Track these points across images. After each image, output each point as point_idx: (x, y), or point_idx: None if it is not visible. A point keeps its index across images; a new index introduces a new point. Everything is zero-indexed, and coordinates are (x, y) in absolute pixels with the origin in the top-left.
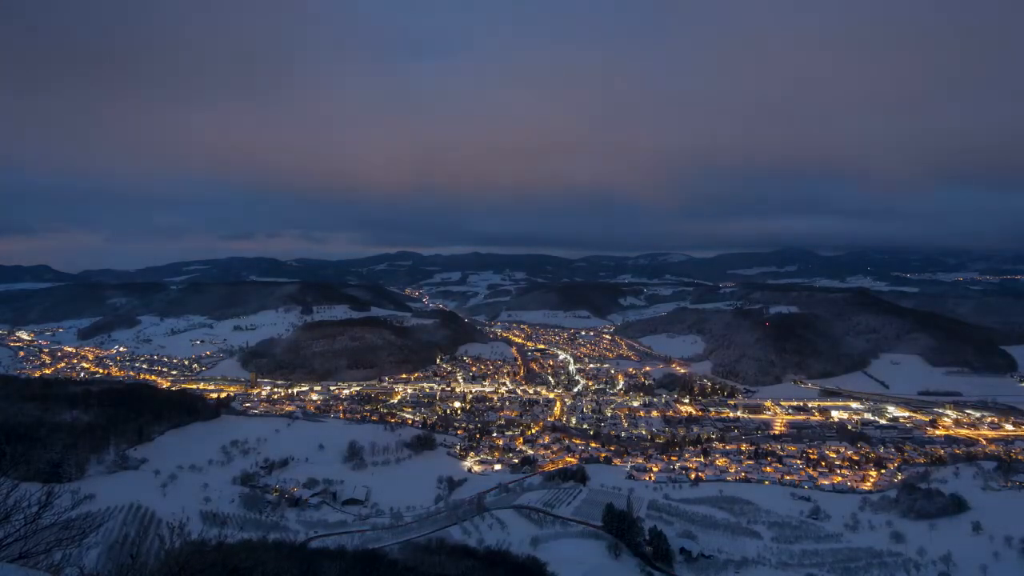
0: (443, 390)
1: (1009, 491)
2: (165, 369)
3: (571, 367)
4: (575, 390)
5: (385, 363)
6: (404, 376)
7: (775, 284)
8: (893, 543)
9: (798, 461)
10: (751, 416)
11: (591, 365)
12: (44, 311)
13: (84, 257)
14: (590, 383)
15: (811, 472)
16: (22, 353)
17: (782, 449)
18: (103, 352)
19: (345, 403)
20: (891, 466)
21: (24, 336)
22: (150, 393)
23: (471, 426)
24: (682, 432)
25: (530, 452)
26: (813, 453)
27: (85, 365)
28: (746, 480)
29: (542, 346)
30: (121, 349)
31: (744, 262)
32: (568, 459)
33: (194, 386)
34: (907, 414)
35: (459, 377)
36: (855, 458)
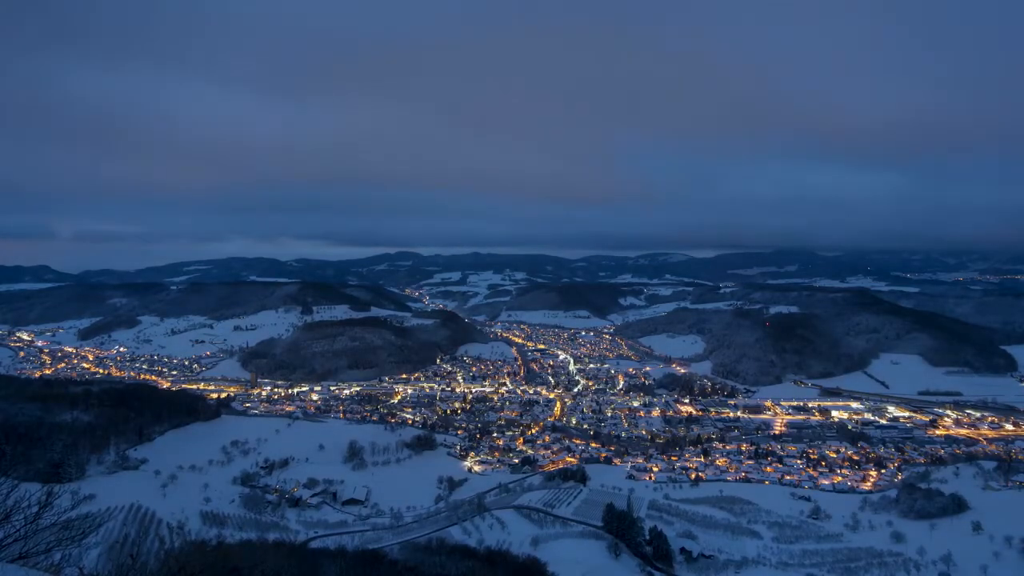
0: (443, 390)
1: (1009, 491)
2: (165, 369)
3: (571, 367)
4: (575, 390)
5: (385, 363)
6: (404, 376)
7: (775, 284)
8: (893, 543)
9: (798, 461)
10: (751, 416)
11: (591, 365)
12: (44, 311)
13: (84, 257)
14: (590, 383)
15: (811, 472)
16: (22, 353)
17: (782, 449)
18: (103, 352)
19: (345, 403)
20: (891, 466)
21: (24, 336)
22: (150, 393)
23: (471, 426)
24: (682, 432)
25: (530, 452)
26: (813, 453)
27: (85, 365)
28: (746, 480)
29: (542, 346)
30: (121, 349)
31: (744, 262)
32: (568, 459)
33: (194, 386)
34: (907, 414)
35: (459, 377)
36: (855, 458)
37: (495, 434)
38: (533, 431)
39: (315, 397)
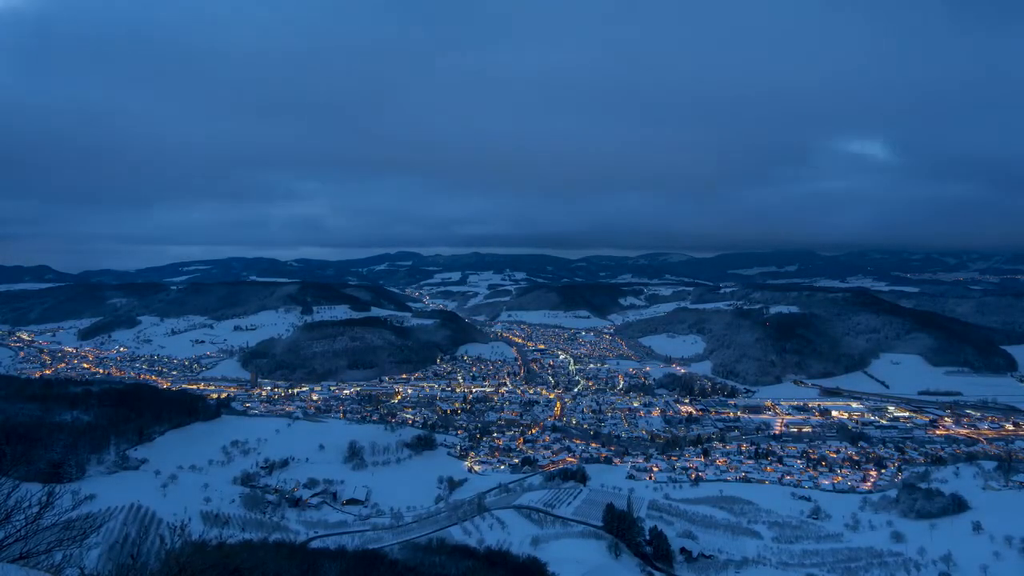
0: (443, 390)
1: (1009, 491)
2: (165, 369)
3: (571, 367)
4: (575, 390)
5: (385, 363)
6: (404, 376)
7: (775, 284)
8: (893, 543)
9: (798, 461)
10: (751, 416)
11: (591, 365)
12: (44, 311)
13: (84, 257)
14: (590, 383)
15: (811, 472)
16: (22, 353)
17: (782, 449)
18: (103, 352)
19: (345, 403)
20: (891, 466)
21: (24, 336)
22: (150, 393)
23: (471, 426)
24: (682, 432)
25: (530, 452)
26: (813, 453)
27: (85, 365)
28: (746, 480)
29: (542, 346)
30: (121, 349)
31: (744, 262)
32: (568, 459)
33: (194, 386)
34: (907, 414)
35: (459, 377)
36: (855, 458)
37: (495, 434)
38: (533, 431)
39: (315, 397)
